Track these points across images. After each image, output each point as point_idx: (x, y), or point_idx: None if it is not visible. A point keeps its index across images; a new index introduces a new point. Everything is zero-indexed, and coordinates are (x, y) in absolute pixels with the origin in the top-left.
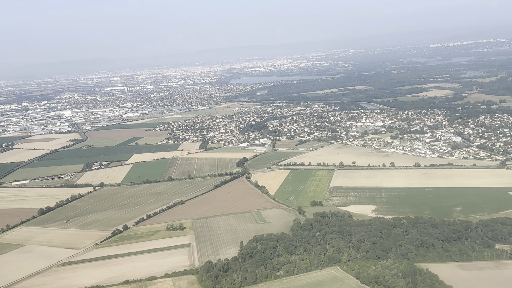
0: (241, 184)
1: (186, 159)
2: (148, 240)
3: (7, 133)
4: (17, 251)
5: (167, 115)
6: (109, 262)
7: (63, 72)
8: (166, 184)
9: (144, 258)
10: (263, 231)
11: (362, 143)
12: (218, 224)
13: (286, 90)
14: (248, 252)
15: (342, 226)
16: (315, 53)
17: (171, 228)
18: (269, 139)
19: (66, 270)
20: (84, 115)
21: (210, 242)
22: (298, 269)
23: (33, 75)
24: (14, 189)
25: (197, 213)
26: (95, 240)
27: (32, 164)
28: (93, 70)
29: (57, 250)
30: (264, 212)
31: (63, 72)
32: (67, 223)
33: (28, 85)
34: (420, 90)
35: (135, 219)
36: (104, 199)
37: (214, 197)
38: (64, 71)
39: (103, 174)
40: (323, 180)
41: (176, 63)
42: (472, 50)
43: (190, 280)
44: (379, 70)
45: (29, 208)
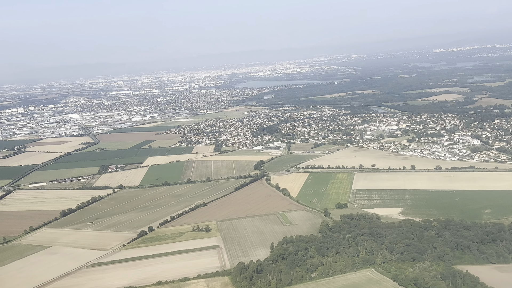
0: (262, 186)
1: (202, 161)
2: (175, 242)
3: (17, 136)
4: (43, 253)
5: (176, 119)
6: (139, 263)
7: (66, 76)
8: (185, 186)
9: (173, 260)
10: (291, 233)
11: (379, 146)
12: (244, 226)
13: (293, 94)
14: (280, 254)
15: (372, 228)
16: (318, 58)
17: (197, 230)
18: (283, 142)
19: (96, 271)
20: (93, 118)
21: (238, 244)
22: (333, 271)
23: (36, 79)
24: (32, 191)
25: (220, 215)
26: (121, 242)
27: (47, 167)
28: (96, 75)
29: (84, 252)
30: (288, 214)
31: (66, 76)
32: (91, 224)
33: (32, 89)
34: (429, 95)
35: (159, 220)
36: (125, 201)
37: (236, 199)
38: (66, 76)
39: (120, 177)
40: (344, 182)
41: (179, 67)
42: (476, 55)
43: (224, 282)
44: (385, 74)
45: (50, 210)
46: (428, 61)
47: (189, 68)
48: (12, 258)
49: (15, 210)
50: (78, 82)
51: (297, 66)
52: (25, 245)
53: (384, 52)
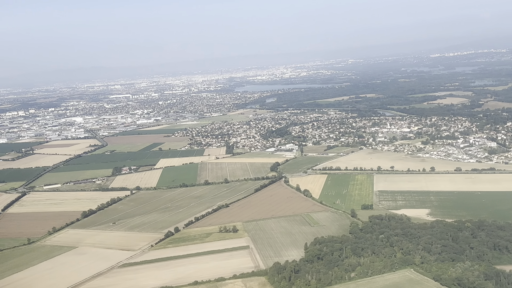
0: (281, 188)
1: (216, 163)
2: (204, 242)
3: (23, 139)
4: (71, 253)
5: (182, 122)
6: (171, 264)
7: (61, 80)
8: (203, 188)
9: (205, 260)
10: (320, 233)
11: (393, 149)
12: (270, 226)
13: (296, 98)
14: (316, 254)
15: (405, 229)
16: (314, 63)
17: (224, 231)
18: (295, 145)
19: (128, 271)
20: (96, 121)
21: (269, 244)
22: (372, 271)
23: (31, 83)
24: (48, 192)
25: (245, 216)
26: (148, 242)
27: (58, 169)
28: (91, 79)
29: (112, 252)
30: (314, 215)
31: (61, 80)
32: (114, 225)
33: (29, 93)
34: (434, 98)
35: (183, 221)
36: (144, 202)
37: (258, 201)
38: (62, 80)
39: (135, 178)
40: (364, 184)
41: (175, 72)
42: (473, 60)
43: (261, 282)
44: (385, 79)
45: (70, 211)
46: (426, 66)
47: (186, 72)
48: (40, 259)
49: (34, 211)
50: (74, 86)
51: (294, 70)
52: (50, 246)
53: (380, 57)
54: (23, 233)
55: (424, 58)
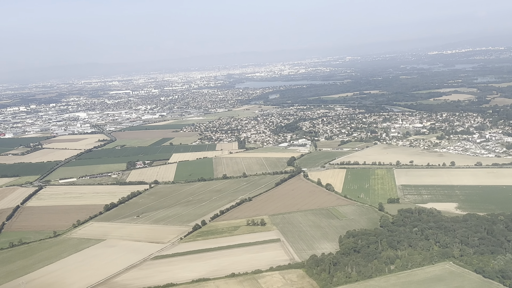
0: (301, 182)
1: (231, 158)
2: (233, 235)
3: (28, 133)
4: (99, 246)
5: (188, 117)
6: (203, 256)
7: (57, 76)
8: (222, 182)
9: (237, 252)
10: (350, 227)
11: (408, 144)
12: (298, 220)
13: (299, 94)
14: (352, 247)
15: (438, 222)
16: (311, 60)
17: (252, 224)
18: (308, 140)
19: (161, 263)
20: (101, 117)
21: (300, 237)
22: (412, 263)
23: (27, 79)
24: (64, 186)
25: (270, 210)
26: (177, 235)
27: (70, 163)
28: (87, 75)
29: (142, 245)
30: (340, 209)
31: (57, 76)
32: (138, 218)
33: (26, 89)
34: (439, 94)
35: (208, 215)
36: (164, 196)
37: (280, 194)
38: (57, 76)
39: (151, 173)
40: (385, 178)
41: (172, 68)
42: (472, 57)
43: (299, 274)
44: (385, 75)
45: (91, 205)
46: (425, 63)
47: (182, 69)
48: (69, 252)
49: (54, 205)
50: (71, 82)
51: (292, 67)
52: (77, 239)
53: (377, 55)
54: (46, 226)
55: (422, 56)
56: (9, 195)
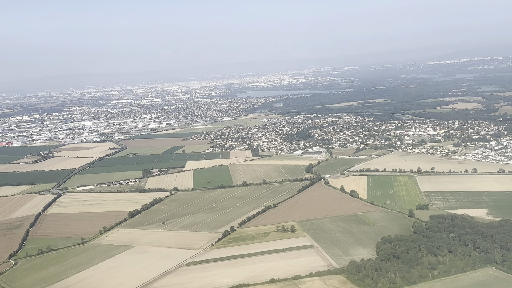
0: (324, 189)
1: (247, 165)
2: (264, 241)
3: (36, 142)
4: (130, 252)
5: (195, 126)
6: (239, 262)
7: (55, 86)
8: (243, 189)
9: (272, 258)
10: (383, 233)
11: (425, 151)
12: (327, 226)
13: (303, 103)
14: (391, 252)
15: (475, 228)
16: (309, 70)
17: (282, 230)
18: (322, 147)
19: (196, 269)
20: (107, 125)
21: (333, 243)
22: (455, 269)
23: (25, 89)
24: (83, 193)
25: (297, 216)
26: (207, 241)
27: (85, 171)
28: (85, 85)
29: (173, 251)
30: (368, 215)
31: (55, 86)
32: (164, 225)
33: (25, 98)
34: (446, 103)
35: (234, 221)
36: (187, 203)
37: (304, 201)
38: (55, 86)
39: (168, 180)
40: (408, 185)
41: (170, 78)
42: (471, 67)
43: (340, 280)
44: (387, 85)
45: (114, 212)
46: (425, 73)
47: (181, 78)
48: (100, 258)
49: (76, 212)
50: (70, 92)
51: (291, 77)
52: (106, 245)
53: (375, 64)
54: (72, 233)
55: (420, 66)
56: (28, 202)
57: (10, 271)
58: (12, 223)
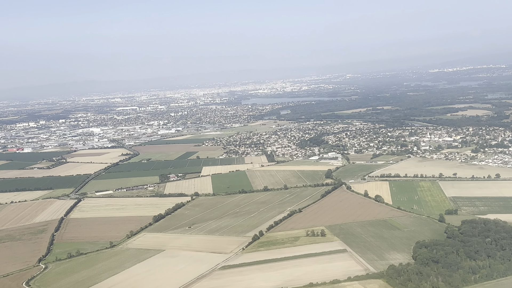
0: (347, 194)
1: (264, 171)
2: (295, 246)
3: (46, 148)
4: (161, 256)
5: (205, 132)
6: (273, 266)
7: (56, 94)
8: (264, 194)
9: (307, 263)
10: (416, 237)
11: (443, 157)
12: (357, 231)
13: (311, 110)
14: (429, 257)
15: (510, 232)
16: (310, 77)
17: (311, 235)
18: (337, 153)
19: (232, 273)
20: (115, 132)
21: (366, 248)
22: (497, 273)
23: (26, 97)
24: (103, 198)
25: (324, 221)
26: (237, 246)
27: (100, 176)
28: (87, 92)
29: (204, 255)
30: (397, 220)
31: (56, 94)
32: (190, 229)
33: (28, 106)
34: (455, 110)
35: (261, 225)
36: (210, 207)
37: (329, 206)
38: (56, 93)
39: (187, 185)
40: (432, 190)
41: (171, 85)
42: (474, 75)
43: (380, 284)
44: (392, 92)
45: (137, 216)
46: (428, 80)
47: (182, 86)
48: (132, 262)
49: (99, 216)
50: (73, 99)
51: (294, 84)
52: (135, 249)
53: (377, 72)
54: (98, 237)
55: (423, 73)
56: (48, 207)
57: (42, 275)
58: (36, 227)
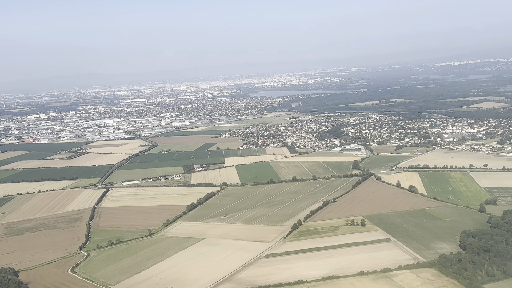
0: (378, 184)
1: (288, 162)
2: (336, 235)
3: (63, 139)
4: (202, 244)
5: (219, 124)
6: (319, 255)
7: (60, 86)
8: (293, 184)
9: (353, 251)
10: (459, 227)
11: (469, 148)
12: (397, 220)
13: (322, 102)
14: (481, 246)
15: None
16: (315, 71)
17: (351, 224)
18: (360, 145)
19: (277, 261)
20: (129, 123)
21: (410, 237)
22: None
23: (30, 89)
24: (131, 188)
25: (361, 211)
26: (277, 234)
27: (123, 167)
28: (91, 85)
29: (246, 243)
30: (436, 210)
31: (60, 86)
32: (226, 218)
33: (34, 98)
34: (470, 103)
35: (298, 215)
36: (241, 197)
37: (362, 196)
38: (60, 86)
39: (213, 175)
40: (465, 181)
41: (176, 78)
42: (482, 68)
43: (433, 273)
44: (401, 85)
45: (169, 205)
46: (436, 74)
47: (187, 79)
48: (174, 249)
49: (131, 205)
50: (78, 92)
51: (299, 78)
52: (175, 237)
53: (382, 66)
54: (135, 226)
55: (430, 67)
56: (77, 196)
57: (85, 262)
58: (69, 216)
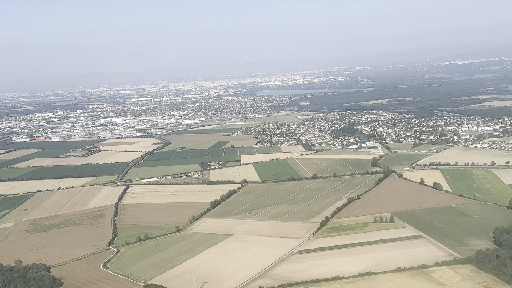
0: (401, 181)
1: (306, 159)
2: (366, 232)
3: (74, 137)
4: (231, 240)
5: (230, 122)
6: (352, 251)
7: (63, 86)
8: (314, 181)
9: (386, 248)
10: (490, 224)
11: (488, 146)
12: (426, 217)
13: (331, 101)
14: None
15: None
16: (318, 70)
17: (379, 221)
18: (376, 142)
19: (310, 257)
20: (138, 122)
21: (441, 234)
22: None
23: (34, 88)
24: (150, 185)
25: (387, 208)
26: (306, 231)
27: (139, 164)
28: (94, 84)
29: (275, 240)
30: (464, 207)
31: (63, 86)
32: (251, 215)
33: (39, 97)
34: (481, 101)
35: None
36: (263, 194)
37: (387, 193)
38: (63, 85)
39: (231, 173)
40: (489, 178)
41: (178, 78)
42: (487, 67)
43: (472, 269)
44: (408, 84)
45: (192, 202)
46: (441, 73)
47: (190, 78)
48: (204, 246)
49: (154, 202)
50: (82, 91)
51: (303, 77)
52: (202, 234)
53: (386, 65)
54: (160, 222)
55: (434, 66)
56: (98, 193)
57: (116, 258)
58: (93, 212)
